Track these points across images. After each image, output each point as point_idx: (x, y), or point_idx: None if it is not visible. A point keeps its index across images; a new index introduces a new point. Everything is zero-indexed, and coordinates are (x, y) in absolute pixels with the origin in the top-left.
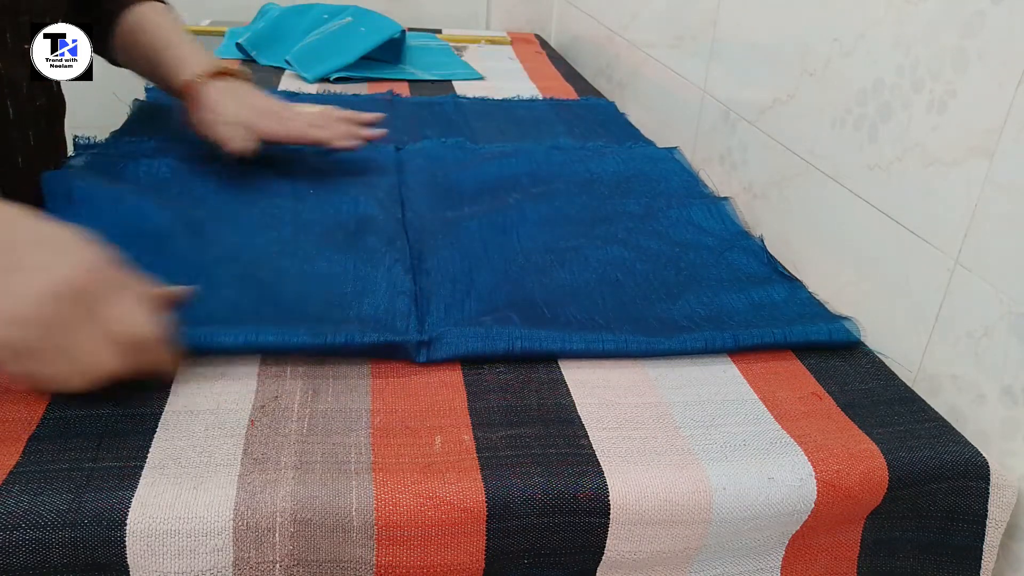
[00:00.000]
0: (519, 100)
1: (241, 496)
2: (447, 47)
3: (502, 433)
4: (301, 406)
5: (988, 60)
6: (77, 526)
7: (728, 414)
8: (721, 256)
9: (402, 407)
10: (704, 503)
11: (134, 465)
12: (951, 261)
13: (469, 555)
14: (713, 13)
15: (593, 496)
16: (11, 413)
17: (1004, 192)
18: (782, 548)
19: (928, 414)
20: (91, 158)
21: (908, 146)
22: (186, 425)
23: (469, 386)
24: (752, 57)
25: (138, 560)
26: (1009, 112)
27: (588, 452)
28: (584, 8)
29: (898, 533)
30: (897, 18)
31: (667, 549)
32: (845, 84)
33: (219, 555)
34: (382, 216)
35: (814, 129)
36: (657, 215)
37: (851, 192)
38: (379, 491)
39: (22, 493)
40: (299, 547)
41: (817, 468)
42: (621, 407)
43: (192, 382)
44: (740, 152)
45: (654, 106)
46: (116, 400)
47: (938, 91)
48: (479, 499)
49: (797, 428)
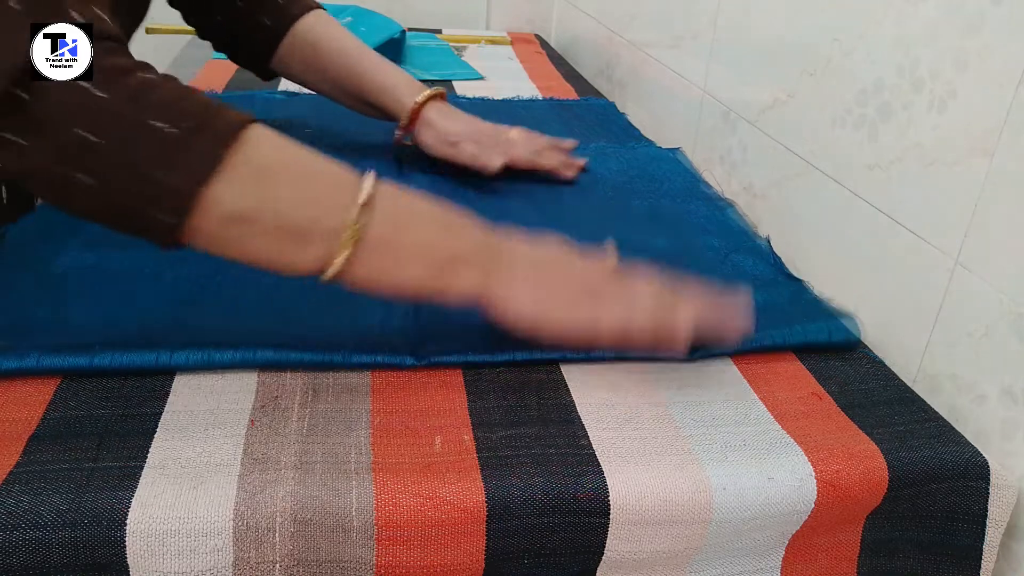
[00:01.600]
0: (519, 100)
1: (241, 496)
2: (447, 47)
3: (502, 433)
4: (301, 406)
5: (988, 60)
6: (77, 526)
7: (728, 414)
8: (727, 258)
9: (402, 407)
10: (704, 503)
11: (134, 465)
12: (951, 261)
13: (469, 555)
14: (713, 13)
15: (593, 496)
16: (11, 413)
17: (1004, 192)
18: (782, 548)
19: (928, 414)
20: None
21: (908, 146)
22: (186, 425)
23: (469, 386)
24: (752, 57)
25: (138, 560)
26: (1009, 112)
27: (588, 452)
28: (584, 8)
29: (898, 533)
30: (897, 18)
31: (667, 549)
32: (845, 84)
33: (219, 555)
34: None
35: (814, 129)
36: (662, 216)
37: (851, 192)
38: (379, 491)
39: (22, 493)
40: (299, 547)
41: (817, 468)
42: (621, 407)
43: (192, 382)
44: (740, 152)
45: (654, 106)
46: (116, 400)
47: (938, 91)
48: (479, 499)
49: (797, 428)
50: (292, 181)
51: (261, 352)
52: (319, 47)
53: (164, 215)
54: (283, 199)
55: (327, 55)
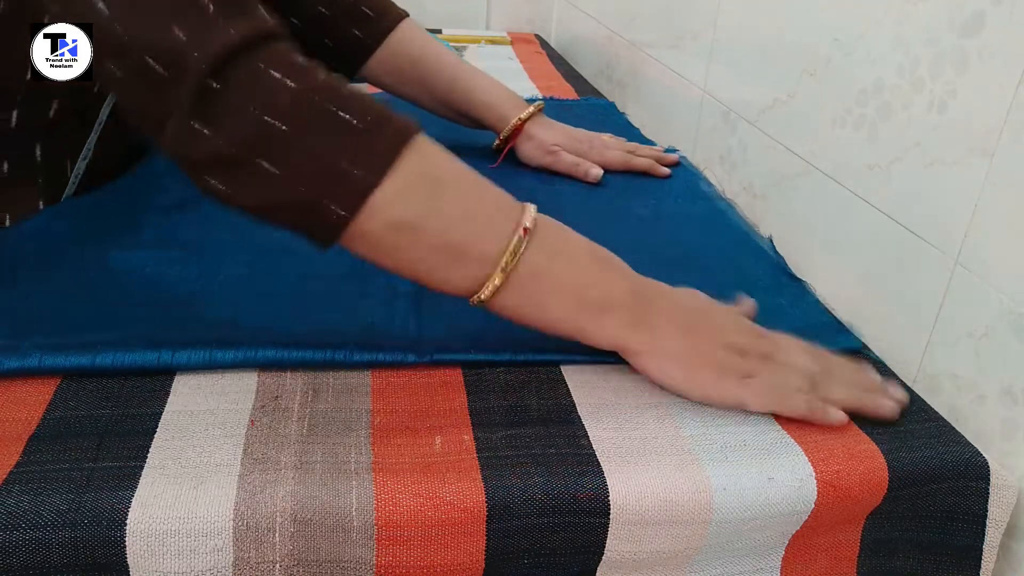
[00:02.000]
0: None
1: (241, 496)
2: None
3: (502, 433)
4: (301, 406)
5: (988, 60)
6: (77, 526)
7: (728, 414)
8: (729, 259)
9: (402, 407)
10: (704, 503)
11: (134, 465)
12: (951, 261)
13: (469, 555)
14: (713, 13)
15: (593, 496)
16: (11, 413)
17: (1004, 192)
18: (782, 548)
19: (928, 414)
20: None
21: (908, 146)
22: (186, 425)
23: (469, 386)
24: (752, 57)
25: (138, 560)
26: (1009, 112)
27: (588, 452)
28: (584, 8)
29: (898, 533)
30: (897, 18)
31: (667, 549)
32: (845, 84)
33: (219, 555)
34: None
35: (814, 129)
36: (663, 216)
37: (851, 192)
38: (379, 491)
39: (22, 493)
40: (299, 547)
41: (817, 468)
42: (621, 407)
43: (192, 382)
44: (740, 152)
45: (654, 106)
46: (116, 400)
47: (938, 91)
48: (479, 499)
49: (797, 428)
50: (458, 196)
51: (263, 351)
52: (417, 61)
53: (338, 206)
54: (447, 214)
55: (425, 70)
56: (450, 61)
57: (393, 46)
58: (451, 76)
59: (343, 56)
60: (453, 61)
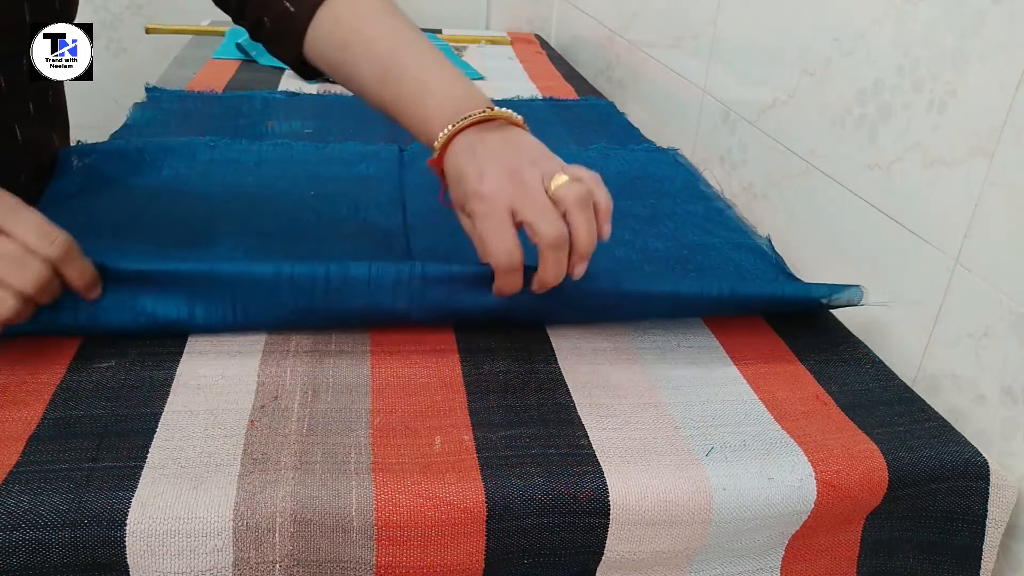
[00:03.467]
0: (519, 100)
1: (241, 496)
2: (447, 47)
3: (502, 433)
4: (301, 406)
5: (988, 60)
6: (77, 526)
7: (728, 414)
8: (728, 258)
9: (402, 407)
10: (704, 503)
11: (134, 465)
12: (951, 261)
13: (469, 555)
14: (713, 13)
15: (593, 496)
16: (11, 413)
17: (1004, 192)
18: (782, 548)
19: (928, 414)
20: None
21: (908, 146)
22: (186, 425)
23: (469, 386)
24: (752, 57)
25: (138, 560)
26: (1009, 112)
27: (588, 452)
28: (584, 8)
29: (898, 533)
30: (897, 18)
31: (667, 549)
32: (845, 84)
33: (219, 555)
34: (382, 220)
35: (814, 129)
36: (662, 217)
37: (851, 192)
38: (379, 491)
39: (22, 493)
40: (299, 547)
41: (817, 468)
42: (621, 407)
43: (192, 382)
44: (740, 152)
45: (654, 106)
46: (116, 400)
47: (938, 91)
48: (479, 499)
49: (797, 428)
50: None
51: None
52: (343, 46)
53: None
54: None
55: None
56: (387, 48)
57: (323, 24)
58: (381, 69)
59: (281, 36)
60: (392, 47)
